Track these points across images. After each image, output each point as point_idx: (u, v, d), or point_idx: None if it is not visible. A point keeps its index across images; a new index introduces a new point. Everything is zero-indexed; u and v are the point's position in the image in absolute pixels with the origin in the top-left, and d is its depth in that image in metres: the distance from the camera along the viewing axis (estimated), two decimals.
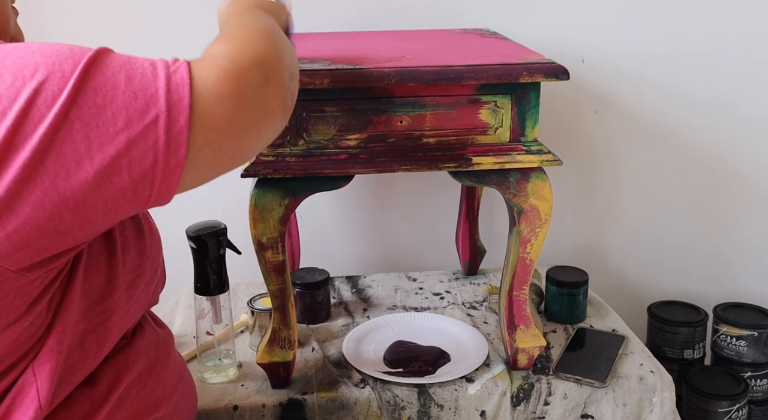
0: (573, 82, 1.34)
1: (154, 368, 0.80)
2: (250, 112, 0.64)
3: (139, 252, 0.77)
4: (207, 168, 0.64)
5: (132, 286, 0.76)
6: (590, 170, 1.56)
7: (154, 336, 0.83)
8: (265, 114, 0.66)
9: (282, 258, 1.01)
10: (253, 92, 0.64)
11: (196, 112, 0.60)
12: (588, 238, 1.61)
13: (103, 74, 0.59)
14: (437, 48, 1.15)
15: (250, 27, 0.73)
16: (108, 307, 0.73)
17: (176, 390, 0.83)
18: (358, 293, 1.40)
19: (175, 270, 1.31)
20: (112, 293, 0.73)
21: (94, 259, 0.71)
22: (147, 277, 0.79)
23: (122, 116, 0.58)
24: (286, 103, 0.69)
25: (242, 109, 0.63)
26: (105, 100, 0.58)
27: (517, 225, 1.04)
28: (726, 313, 1.46)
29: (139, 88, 0.59)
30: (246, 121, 0.64)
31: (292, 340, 1.07)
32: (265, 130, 0.67)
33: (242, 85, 0.63)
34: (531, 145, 1.01)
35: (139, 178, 0.59)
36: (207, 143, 0.61)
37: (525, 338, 1.11)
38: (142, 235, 0.78)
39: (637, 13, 1.47)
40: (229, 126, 0.62)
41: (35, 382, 0.66)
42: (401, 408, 1.08)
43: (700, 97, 1.52)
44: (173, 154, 0.60)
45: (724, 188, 1.59)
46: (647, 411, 1.12)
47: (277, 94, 0.67)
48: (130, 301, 0.76)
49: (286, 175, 0.97)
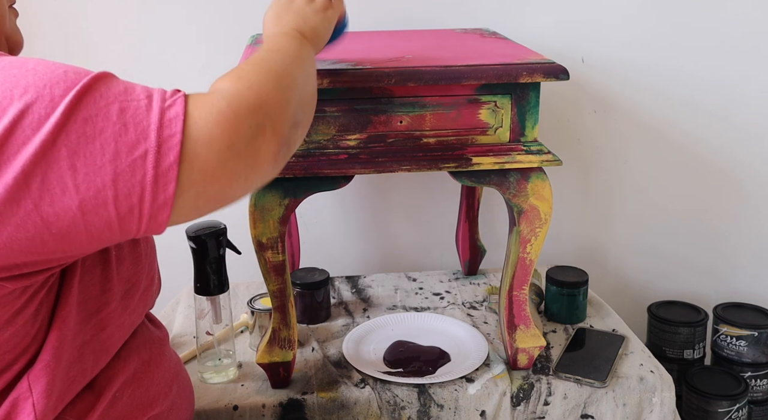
0: (573, 82, 1.34)
1: (149, 367, 0.80)
2: (239, 159, 0.62)
3: (134, 261, 0.77)
4: (190, 208, 0.62)
5: (127, 296, 0.76)
6: (590, 170, 1.56)
7: (149, 335, 0.83)
8: (254, 162, 0.63)
9: (282, 258, 1.01)
10: (245, 140, 0.62)
11: (184, 150, 0.59)
12: (588, 238, 1.61)
13: (96, 104, 0.58)
14: (437, 48, 1.15)
15: (264, 66, 0.70)
16: (103, 319, 0.73)
17: (171, 388, 0.83)
18: (358, 293, 1.40)
19: (175, 270, 1.32)
20: (107, 304, 0.73)
21: (88, 271, 0.70)
22: (143, 286, 0.79)
23: (110, 148, 0.57)
24: (279, 154, 0.66)
25: (230, 155, 0.61)
26: (95, 131, 0.57)
27: (517, 225, 1.04)
28: (726, 313, 1.46)
29: (131, 121, 0.58)
30: (233, 167, 0.62)
31: (292, 340, 1.07)
32: (253, 177, 0.65)
33: (234, 131, 0.61)
34: (531, 145, 1.01)
35: (125, 212, 0.58)
36: (192, 184, 0.60)
37: (525, 338, 1.11)
38: (137, 242, 0.78)
39: (637, 13, 1.47)
40: (215, 170, 0.61)
41: (31, 397, 0.66)
42: (401, 408, 1.08)
43: (700, 97, 1.52)
44: (161, 191, 0.59)
45: (724, 188, 1.59)
46: (647, 411, 1.12)
47: (271, 144, 0.64)
48: (126, 312, 0.76)
49: (286, 175, 0.97)
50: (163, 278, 1.42)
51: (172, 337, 1.25)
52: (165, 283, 1.38)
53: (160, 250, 1.50)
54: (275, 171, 0.68)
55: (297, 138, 0.71)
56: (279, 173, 0.95)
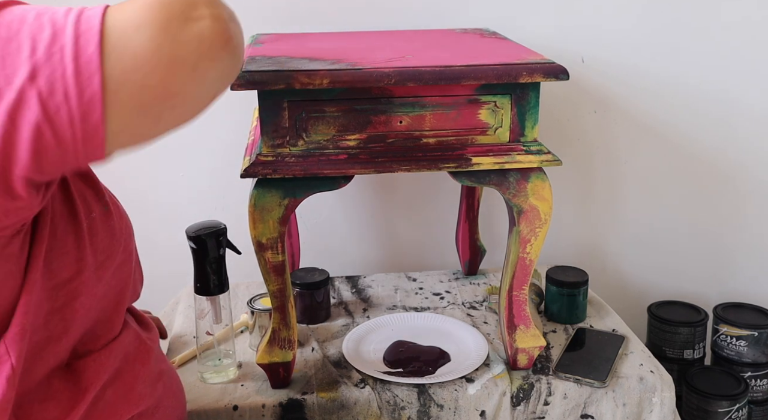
0: (573, 82, 1.34)
1: (134, 366, 0.80)
2: (177, 43, 0.57)
3: (108, 233, 0.76)
4: (135, 107, 0.58)
5: (102, 268, 0.75)
6: (590, 170, 1.56)
7: (136, 335, 0.83)
8: (199, 46, 0.58)
9: (282, 258, 1.01)
10: (180, 21, 0.57)
11: (110, 42, 0.56)
12: (588, 238, 1.61)
13: (12, 12, 0.57)
14: (437, 48, 1.15)
15: None
16: (76, 288, 0.72)
17: (156, 387, 0.83)
18: (358, 293, 1.41)
19: (175, 270, 1.32)
20: (80, 273, 0.72)
21: (59, 241, 0.70)
22: (118, 260, 0.78)
23: (27, 46, 0.55)
24: (228, 36, 0.60)
25: (166, 37, 0.57)
26: (9, 34, 0.56)
27: (516, 225, 1.04)
28: (726, 313, 1.46)
29: (48, 21, 0.57)
30: (172, 51, 0.57)
31: (291, 341, 1.07)
32: (203, 65, 0.59)
33: (166, 12, 0.57)
34: (531, 145, 1.01)
35: (53, 113, 0.55)
36: (125, 74, 0.56)
37: (525, 338, 1.11)
38: (110, 216, 0.77)
39: (637, 12, 1.47)
40: (151, 55, 0.56)
41: (9, 359, 0.66)
42: (401, 408, 1.08)
43: (700, 97, 1.52)
44: (87, 85, 0.55)
45: (724, 188, 1.59)
46: (647, 411, 1.12)
47: (214, 26, 0.59)
48: (101, 283, 0.75)
49: (286, 175, 0.97)
50: (163, 278, 1.43)
51: (172, 337, 1.25)
52: (165, 283, 1.39)
53: (161, 249, 1.51)
54: (232, 60, 0.61)
55: (237, 32, 0.64)
56: (278, 173, 0.97)
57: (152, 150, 1.51)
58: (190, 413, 1.04)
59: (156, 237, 1.49)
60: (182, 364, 1.16)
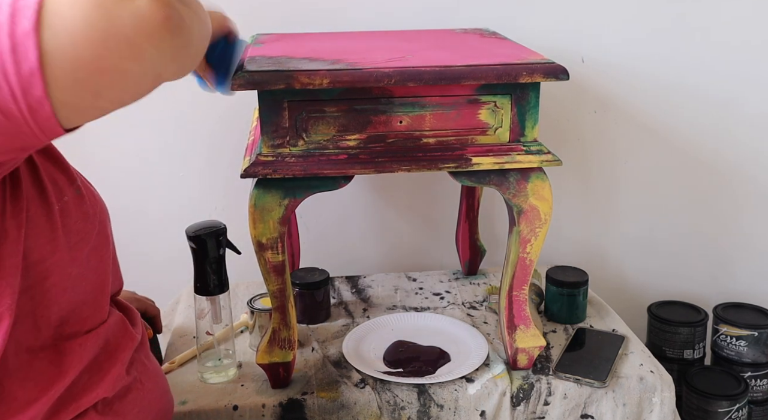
0: (573, 82, 1.34)
1: (114, 354, 0.82)
2: (111, 18, 0.56)
3: (82, 217, 0.77)
4: (72, 82, 0.58)
5: (75, 249, 0.76)
6: (590, 170, 1.56)
7: (122, 323, 0.85)
8: (135, 23, 0.57)
9: (282, 258, 1.01)
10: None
11: (47, 18, 0.56)
12: (588, 238, 1.61)
13: None
14: (437, 48, 1.15)
15: None
16: (48, 268, 0.73)
17: (130, 372, 0.84)
18: (358, 293, 1.40)
19: (175, 270, 1.32)
20: (53, 253, 0.73)
21: (33, 222, 0.71)
22: (93, 242, 0.79)
23: None
24: (168, 14, 0.59)
25: (99, 12, 0.56)
26: None
27: (517, 225, 1.04)
28: (726, 313, 1.46)
29: None
30: (106, 26, 0.56)
31: (291, 341, 1.07)
32: (138, 42, 0.58)
33: None
34: (531, 145, 1.01)
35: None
36: (61, 49, 0.56)
37: (525, 338, 1.11)
38: (83, 200, 0.78)
39: (637, 12, 1.47)
40: (84, 30, 0.56)
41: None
42: (401, 408, 1.08)
43: (700, 97, 1.52)
44: (23, 59, 0.55)
45: (724, 188, 1.59)
46: (647, 411, 1.12)
47: (152, 4, 0.58)
48: (74, 264, 0.76)
49: (286, 175, 0.97)
50: (164, 278, 1.43)
51: (172, 337, 1.25)
52: (165, 282, 1.39)
53: (161, 249, 1.51)
54: (173, 38, 0.61)
55: (191, 15, 0.64)
56: (279, 174, 0.97)
57: (152, 150, 1.50)
58: (191, 413, 1.04)
59: (156, 237, 1.49)
60: (182, 364, 1.16)
